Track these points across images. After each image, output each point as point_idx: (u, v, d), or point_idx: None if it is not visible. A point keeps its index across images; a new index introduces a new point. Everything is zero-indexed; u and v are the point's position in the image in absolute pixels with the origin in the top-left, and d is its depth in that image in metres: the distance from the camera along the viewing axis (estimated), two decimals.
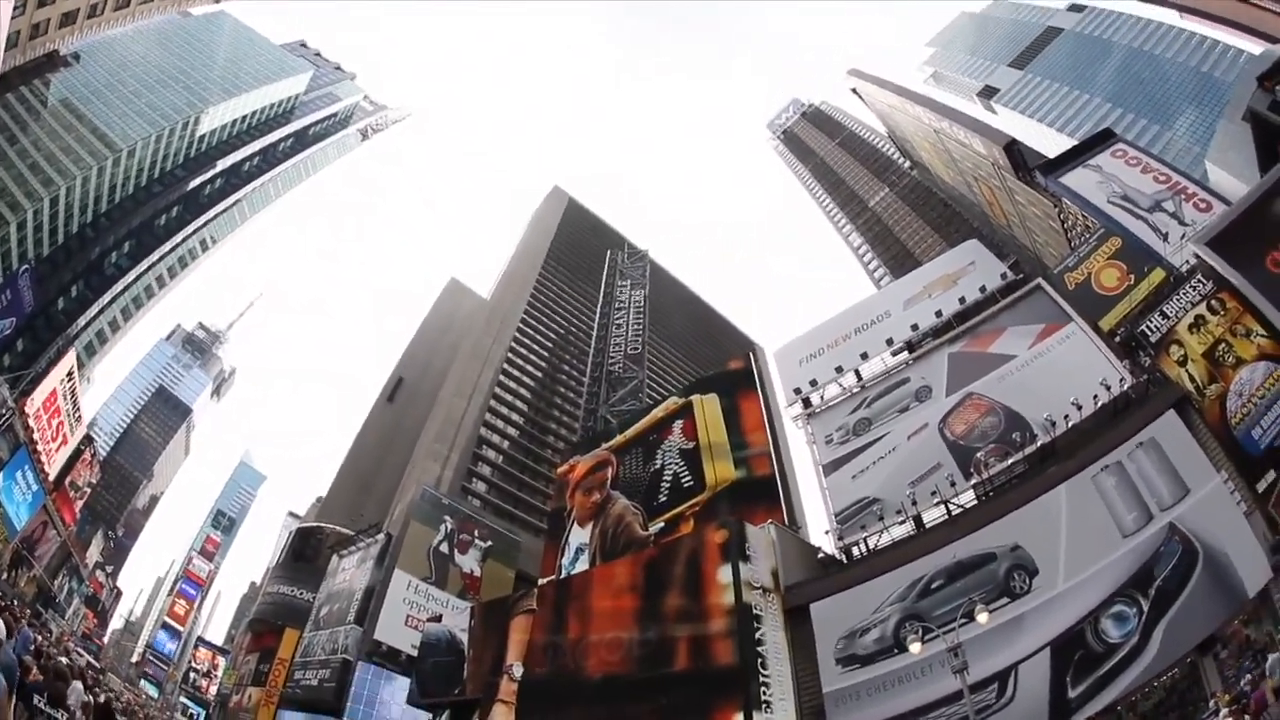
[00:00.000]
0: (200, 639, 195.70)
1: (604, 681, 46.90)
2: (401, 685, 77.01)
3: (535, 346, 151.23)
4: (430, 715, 66.03)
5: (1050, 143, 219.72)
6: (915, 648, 39.36)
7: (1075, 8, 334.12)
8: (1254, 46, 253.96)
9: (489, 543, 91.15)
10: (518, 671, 48.95)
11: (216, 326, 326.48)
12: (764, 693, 43.82)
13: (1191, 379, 55.44)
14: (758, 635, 46.57)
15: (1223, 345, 55.99)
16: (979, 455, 60.23)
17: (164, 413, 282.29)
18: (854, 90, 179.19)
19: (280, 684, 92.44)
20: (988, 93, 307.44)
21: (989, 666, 43.96)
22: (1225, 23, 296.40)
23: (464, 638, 62.77)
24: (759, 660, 45.28)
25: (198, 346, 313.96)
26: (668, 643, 47.05)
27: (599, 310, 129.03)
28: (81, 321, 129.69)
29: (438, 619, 71.94)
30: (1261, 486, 45.11)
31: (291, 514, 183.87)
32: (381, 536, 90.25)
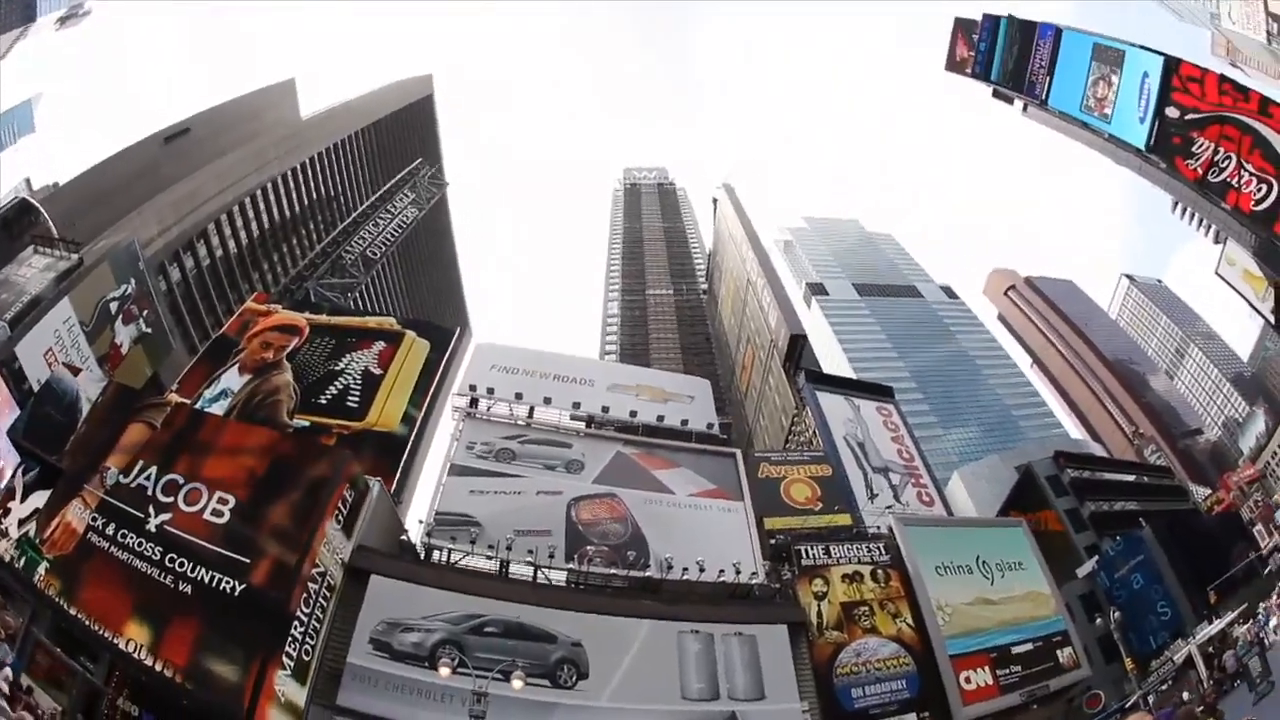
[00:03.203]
0: None
1: (176, 537, 43.21)
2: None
3: (302, 190, 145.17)
4: (18, 459, 61.14)
5: (831, 363, 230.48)
6: (444, 672, 39.06)
7: (950, 293, 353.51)
8: (1075, 429, 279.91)
9: (150, 330, 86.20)
10: (111, 478, 44.44)
11: None
12: (292, 647, 41.13)
13: (819, 614, 59.39)
14: (319, 590, 44.73)
15: (866, 609, 61.25)
16: (590, 549, 61.53)
17: (13, 6, 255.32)
18: (715, 200, 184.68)
19: None
20: (816, 289, 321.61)
21: None
22: (1068, 400, 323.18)
23: (86, 408, 59.15)
24: (308, 614, 43.18)
25: None
26: (254, 548, 42.70)
27: (370, 201, 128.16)
28: None
29: (75, 371, 67.43)
30: None
31: (27, 181, 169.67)
32: (76, 258, 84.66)
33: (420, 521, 58.89)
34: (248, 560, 40.73)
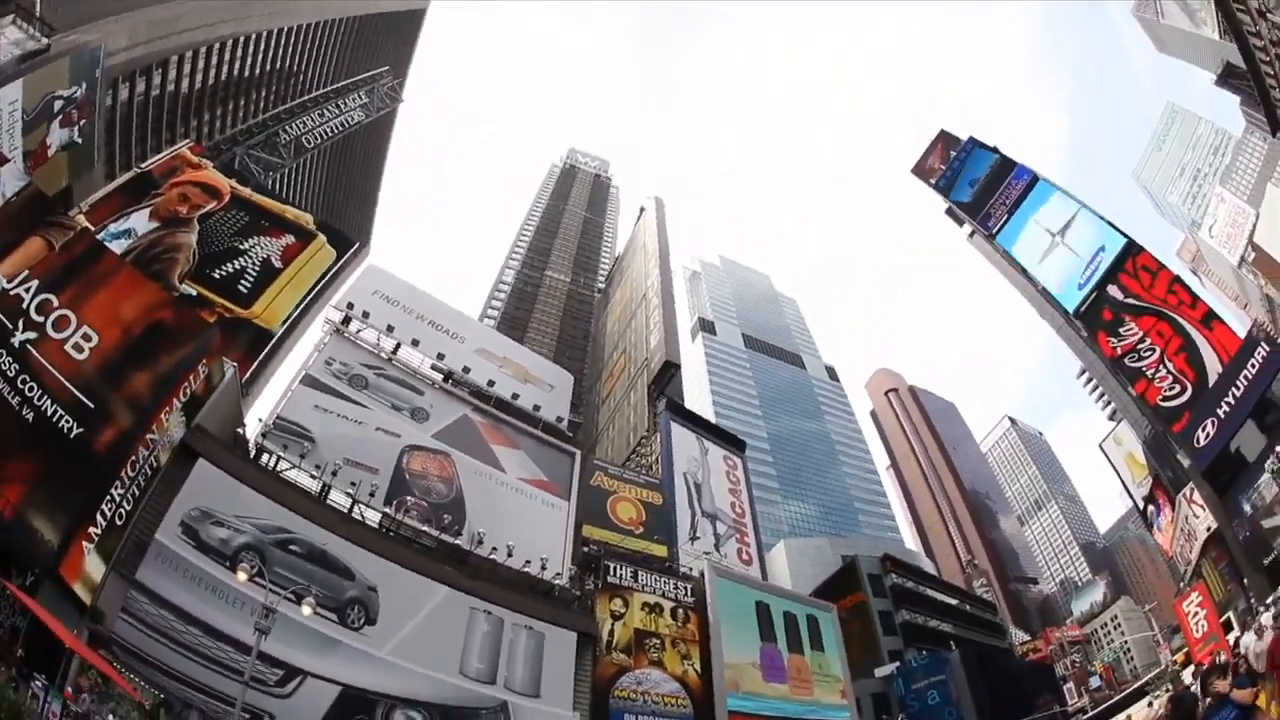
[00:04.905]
0: None
1: (35, 360, 36.87)
2: None
3: (270, 55, 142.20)
4: None
5: (695, 400, 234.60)
6: (241, 576, 40.01)
7: (833, 374, 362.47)
8: (912, 541, 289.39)
9: (80, 140, 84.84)
10: None
11: None
12: (109, 507, 40.46)
13: (612, 633, 63.22)
14: (148, 459, 44.06)
15: (658, 641, 65.26)
16: (410, 500, 62.54)
17: None
18: (642, 208, 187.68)
19: None
20: (706, 326, 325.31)
21: (286, 653, 45.07)
22: (913, 511, 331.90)
23: None
24: (131, 478, 42.40)
25: None
26: (105, 403, 41.58)
27: (325, 90, 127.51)
28: None
29: (2, 160, 66.09)
30: None
31: None
32: (45, 43, 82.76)
33: (260, 420, 59.30)
34: (93, 408, 40.71)
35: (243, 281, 72.04)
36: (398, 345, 76.48)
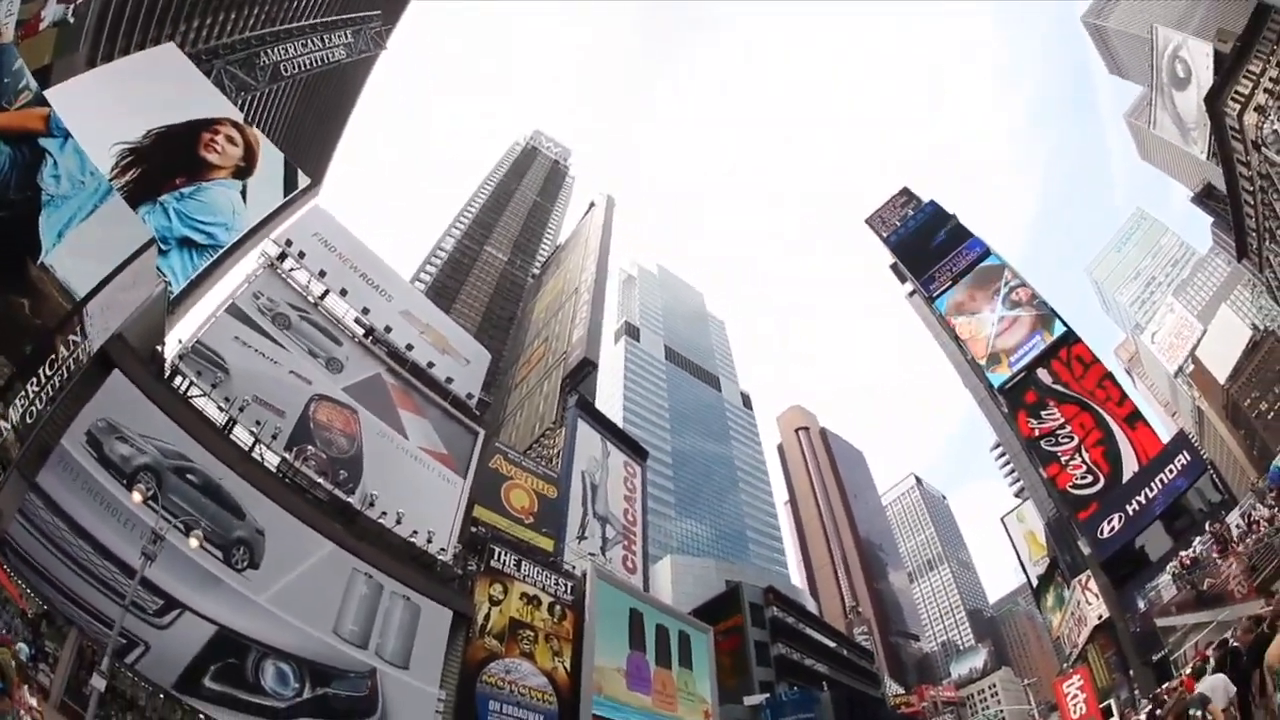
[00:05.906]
0: None
1: None
2: None
3: None
4: None
5: (607, 402, 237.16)
6: (136, 497, 40.11)
7: (747, 402, 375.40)
8: (799, 578, 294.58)
9: (72, 20, 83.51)
10: None
11: None
12: (21, 402, 39.22)
13: (488, 618, 65.60)
14: (67, 359, 42.76)
15: (531, 634, 67.71)
16: (310, 449, 63.33)
17: None
18: (592, 203, 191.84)
19: None
20: (631, 331, 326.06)
21: (169, 584, 45.44)
22: (804, 550, 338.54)
23: None
24: (48, 376, 41.12)
25: None
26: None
27: (313, 21, 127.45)
28: None
29: None
30: None
31: None
32: None
33: (180, 341, 59.51)
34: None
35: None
36: (326, 291, 77.09)
